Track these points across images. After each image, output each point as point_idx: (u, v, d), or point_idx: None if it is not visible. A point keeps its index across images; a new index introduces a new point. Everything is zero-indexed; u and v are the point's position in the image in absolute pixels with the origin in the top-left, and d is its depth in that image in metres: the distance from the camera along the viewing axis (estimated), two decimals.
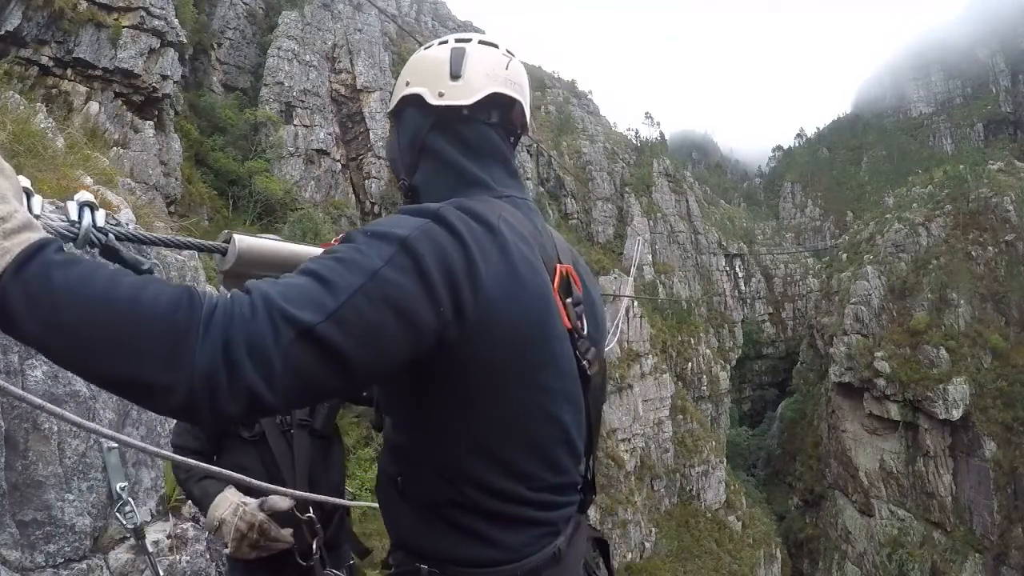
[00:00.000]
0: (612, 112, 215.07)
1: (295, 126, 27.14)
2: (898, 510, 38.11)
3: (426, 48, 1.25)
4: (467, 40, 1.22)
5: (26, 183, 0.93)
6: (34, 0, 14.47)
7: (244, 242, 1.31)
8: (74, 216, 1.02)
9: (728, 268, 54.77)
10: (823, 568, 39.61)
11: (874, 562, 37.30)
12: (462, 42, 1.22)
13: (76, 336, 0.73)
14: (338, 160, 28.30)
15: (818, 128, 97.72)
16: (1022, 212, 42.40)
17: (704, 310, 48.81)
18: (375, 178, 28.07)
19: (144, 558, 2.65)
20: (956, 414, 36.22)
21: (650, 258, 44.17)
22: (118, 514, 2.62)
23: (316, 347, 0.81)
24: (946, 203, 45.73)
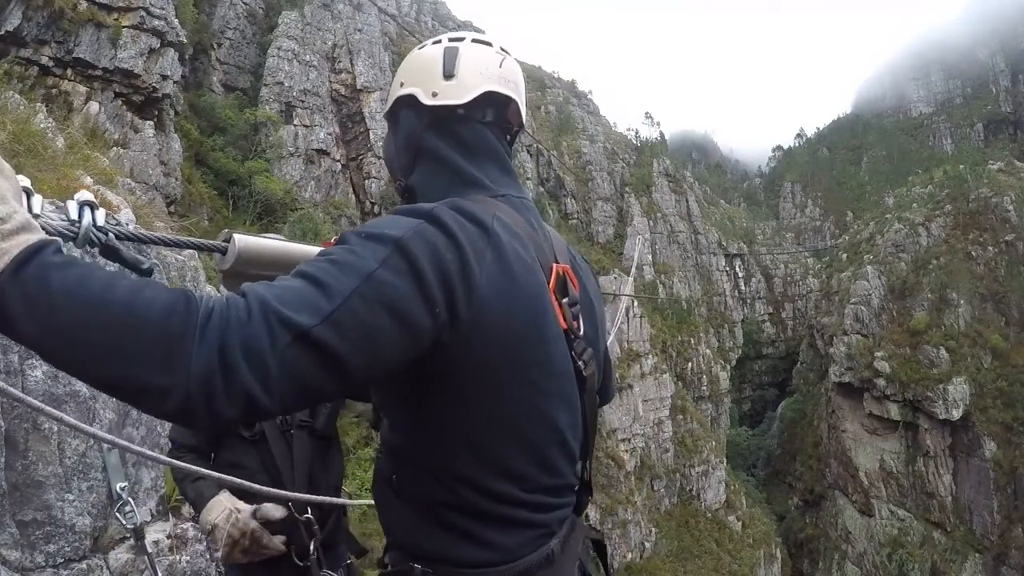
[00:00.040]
0: (612, 112, 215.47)
1: (295, 126, 27.15)
2: (898, 510, 38.10)
3: (420, 48, 1.25)
4: (460, 39, 1.22)
5: (26, 183, 0.93)
6: (34, 0, 14.48)
7: (244, 241, 1.31)
8: (74, 215, 1.02)
9: (728, 268, 54.78)
10: (823, 568, 39.60)
11: (874, 562, 37.30)
12: (455, 41, 1.21)
13: (73, 338, 0.73)
14: (338, 160, 28.31)
15: (818, 128, 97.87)
16: (1022, 212, 42.40)
17: (704, 310, 48.82)
18: (375, 178, 28.07)
19: (144, 558, 2.65)
20: (956, 414, 36.23)
21: (650, 258, 44.17)
22: (118, 514, 2.62)
23: (312, 350, 0.81)
24: (946, 203, 45.74)
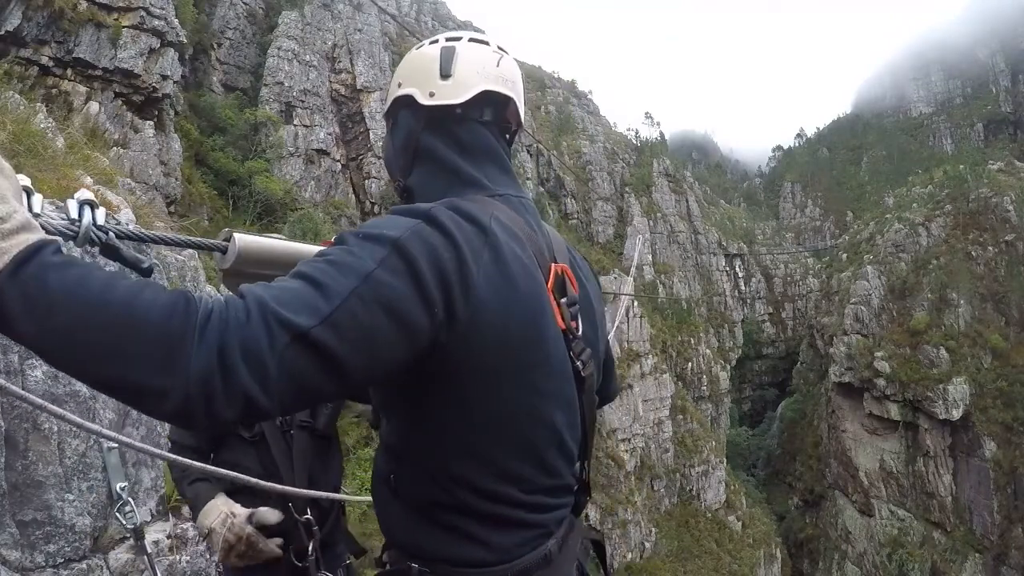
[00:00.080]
0: (612, 112, 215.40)
1: (295, 126, 27.14)
2: (898, 510, 38.11)
3: (418, 48, 1.24)
4: (457, 39, 1.21)
5: (26, 182, 0.93)
6: (34, 0, 14.47)
7: (244, 240, 1.31)
8: (74, 214, 1.02)
9: (728, 268, 54.78)
10: (823, 568, 39.60)
11: (874, 562, 37.30)
12: (452, 41, 1.21)
13: (71, 338, 0.72)
14: (338, 160, 28.30)
15: (818, 128, 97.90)
16: (1022, 212, 42.40)
17: (704, 310, 48.82)
18: (375, 178, 28.06)
19: (144, 558, 2.65)
20: (956, 414, 36.23)
21: (650, 258, 44.18)
22: (118, 514, 2.61)
23: (311, 351, 0.81)
24: (946, 203, 45.74)
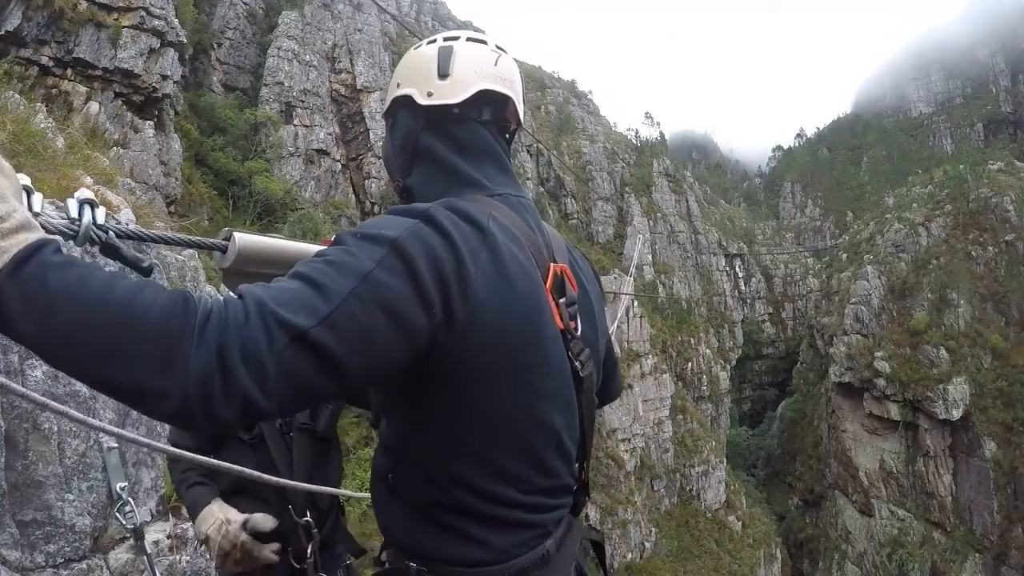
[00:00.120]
0: (612, 112, 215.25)
1: (295, 126, 27.14)
2: (898, 510, 38.10)
3: (416, 48, 1.24)
4: (455, 38, 1.21)
5: (26, 181, 0.93)
6: (34, 0, 14.47)
7: (244, 240, 1.31)
8: (74, 213, 1.01)
9: (728, 268, 54.77)
10: (823, 568, 39.59)
11: (874, 562, 37.29)
12: (450, 40, 1.21)
13: (71, 338, 0.72)
14: (338, 160, 28.30)
15: (818, 128, 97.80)
16: (1022, 212, 42.39)
17: (704, 310, 48.81)
18: (375, 178, 28.06)
19: (143, 558, 2.65)
20: (956, 414, 36.22)
21: (650, 258, 44.16)
22: (118, 514, 2.61)
23: (310, 351, 0.81)
24: (946, 203, 45.72)
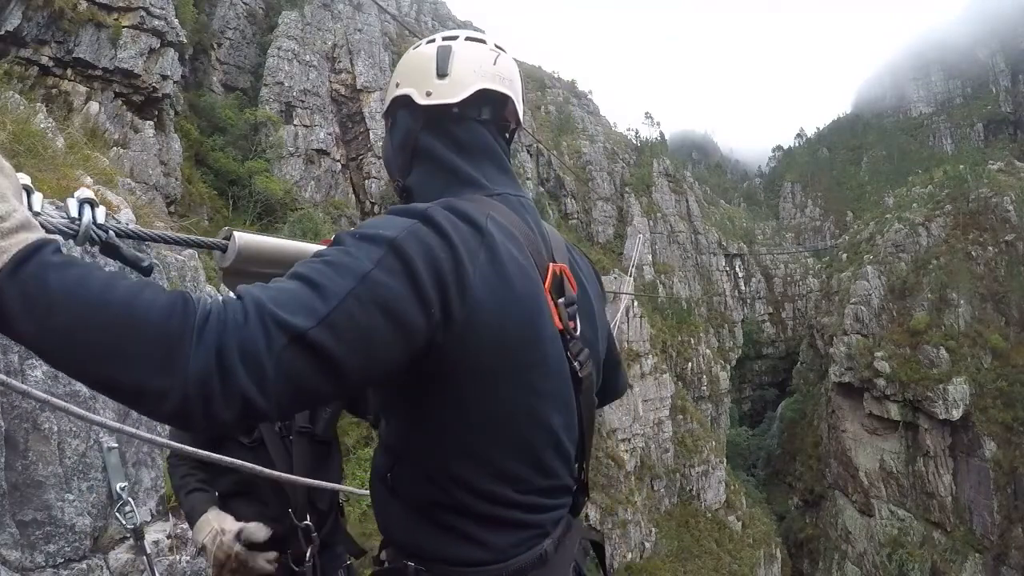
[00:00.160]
0: (612, 112, 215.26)
1: (295, 126, 27.13)
2: (898, 510, 38.10)
3: (415, 48, 1.24)
4: (454, 37, 1.21)
5: (26, 180, 0.93)
6: (34, 0, 14.47)
7: (244, 239, 1.31)
8: (74, 213, 1.01)
9: (728, 268, 54.76)
10: (823, 568, 39.58)
11: (874, 562, 37.29)
12: (449, 40, 1.21)
13: (71, 338, 0.72)
14: (338, 160, 28.29)
15: (818, 128, 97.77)
16: (1022, 212, 42.37)
17: (704, 310, 48.80)
18: (375, 178, 28.06)
19: (143, 558, 2.65)
20: (956, 414, 36.21)
21: (650, 258, 44.15)
22: (118, 514, 2.61)
23: (308, 352, 0.81)
24: (946, 203, 45.71)
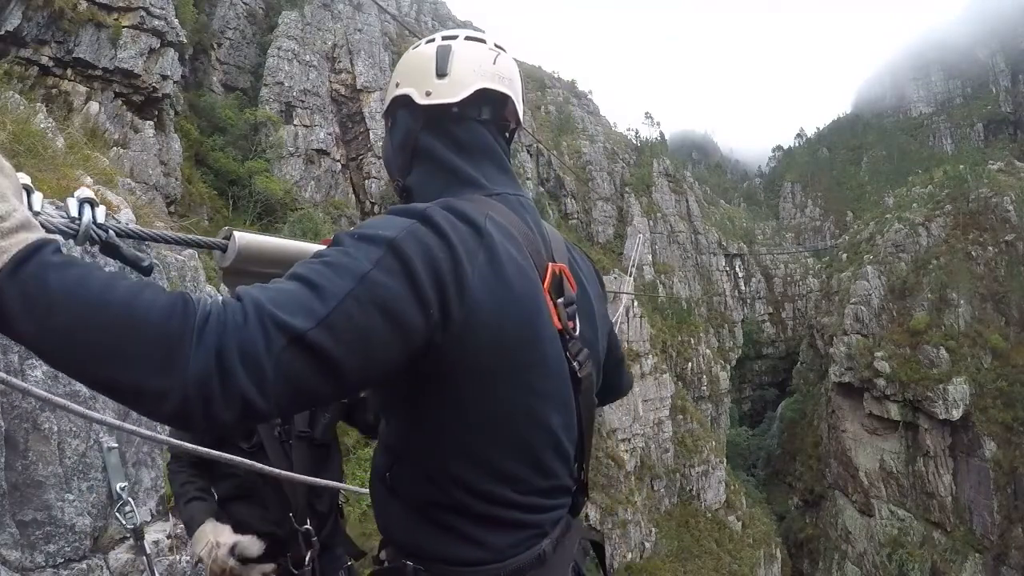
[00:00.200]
0: (612, 112, 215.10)
1: (295, 126, 27.12)
2: (898, 510, 38.09)
3: (414, 47, 1.24)
4: (454, 37, 1.21)
5: (26, 180, 0.93)
6: (34, 0, 14.47)
7: (244, 239, 1.31)
8: (74, 212, 1.01)
9: (728, 268, 54.76)
10: (823, 568, 39.58)
11: (874, 562, 37.28)
12: (449, 39, 1.21)
13: (71, 338, 0.72)
14: (338, 160, 28.29)
15: (818, 128, 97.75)
16: (1022, 212, 42.37)
17: (704, 310, 48.79)
18: (375, 178, 28.05)
19: (143, 558, 2.65)
20: (956, 414, 36.20)
21: (650, 258, 44.15)
22: (118, 514, 2.61)
23: (307, 353, 0.81)
24: (946, 203, 45.70)
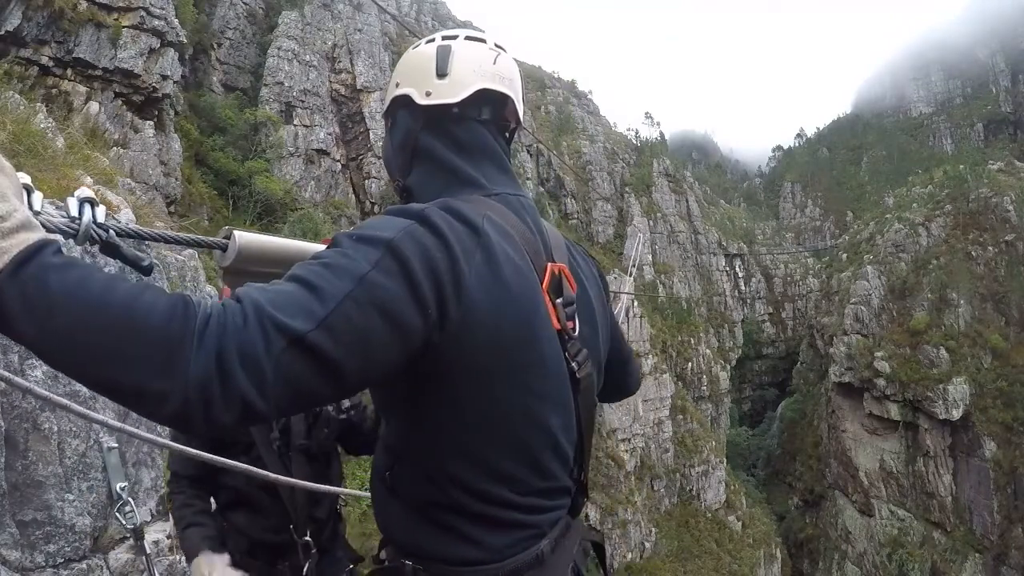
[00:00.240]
0: (612, 112, 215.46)
1: (295, 126, 27.12)
2: (898, 510, 38.09)
3: (414, 47, 1.24)
4: (454, 37, 1.21)
5: (26, 179, 0.93)
6: (34, 0, 14.46)
7: (244, 238, 1.31)
8: (74, 212, 1.01)
9: (728, 268, 54.76)
10: (823, 568, 39.58)
11: (874, 562, 37.28)
12: (449, 39, 1.21)
13: (71, 340, 0.72)
14: (338, 160, 28.28)
15: (818, 128, 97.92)
16: (1022, 212, 42.36)
17: (704, 310, 48.79)
18: (375, 178, 28.05)
19: (143, 558, 2.64)
20: (956, 414, 36.20)
21: (650, 258, 44.15)
22: (118, 514, 2.61)
23: (307, 355, 0.81)
24: (946, 203, 45.69)
